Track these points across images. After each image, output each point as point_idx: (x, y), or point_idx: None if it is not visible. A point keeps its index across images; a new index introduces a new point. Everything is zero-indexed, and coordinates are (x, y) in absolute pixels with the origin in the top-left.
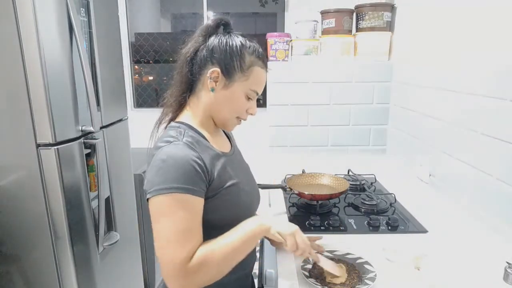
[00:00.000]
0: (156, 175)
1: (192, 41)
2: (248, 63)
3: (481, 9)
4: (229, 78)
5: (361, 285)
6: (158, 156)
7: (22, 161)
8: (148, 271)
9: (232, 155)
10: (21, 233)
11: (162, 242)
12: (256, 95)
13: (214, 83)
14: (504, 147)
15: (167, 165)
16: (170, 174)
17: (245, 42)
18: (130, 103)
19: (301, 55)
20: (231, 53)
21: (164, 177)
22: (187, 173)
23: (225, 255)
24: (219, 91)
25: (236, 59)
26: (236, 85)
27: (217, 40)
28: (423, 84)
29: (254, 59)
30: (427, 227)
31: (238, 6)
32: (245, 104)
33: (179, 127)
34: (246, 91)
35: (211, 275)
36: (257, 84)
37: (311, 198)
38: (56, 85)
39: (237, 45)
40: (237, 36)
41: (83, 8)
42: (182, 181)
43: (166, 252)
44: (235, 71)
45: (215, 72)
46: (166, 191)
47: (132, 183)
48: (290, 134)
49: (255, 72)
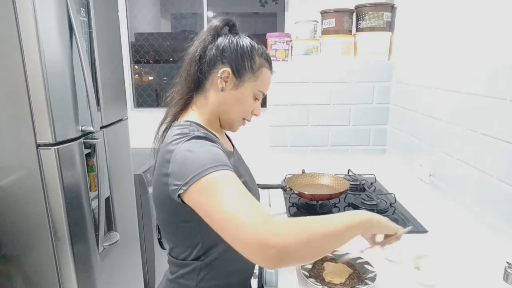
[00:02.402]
0: (186, 166)
1: (200, 40)
2: (257, 64)
3: (481, 9)
4: (239, 78)
5: (361, 285)
6: (181, 149)
7: (22, 161)
8: (148, 271)
9: (236, 154)
10: (21, 233)
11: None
12: (262, 95)
13: (224, 83)
14: (504, 147)
15: (195, 153)
16: (202, 160)
17: (254, 44)
18: (130, 103)
19: (301, 55)
20: (242, 54)
21: (196, 164)
22: (218, 154)
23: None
24: (229, 91)
25: (247, 59)
26: (246, 85)
27: (227, 41)
28: (423, 84)
29: (263, 61)
30: (427, 227)
31: (238, 6)
32: (252, 105)
33: (190, 125)
34: (254, 91)
35: (304, 243)
36: (264, 85)
37: (311, 198)
38: (56, 85)
39: (247, 46)
40: (245, 37)
41: (83, 8)
42: (216, 161)
43: (241, 223)
44: (246, 71)
45: (226, 72)
46: (204, 173)
47: (132, 183)
48: (290, 134)
49: (263, 73)
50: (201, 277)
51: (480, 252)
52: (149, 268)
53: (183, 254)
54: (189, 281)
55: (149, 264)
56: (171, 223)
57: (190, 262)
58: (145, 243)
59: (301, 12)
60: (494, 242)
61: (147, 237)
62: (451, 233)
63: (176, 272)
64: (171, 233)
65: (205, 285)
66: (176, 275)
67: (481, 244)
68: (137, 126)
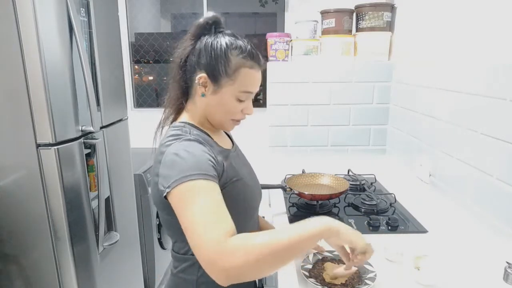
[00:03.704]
0: (171, 169)
1: (183, 46)
2: (234, 66)
3: (481, 9)
4: (216, 83)
5: (361, 285)
6: (170, 152)
7: (22, 161)
8: (148, 271)
9: (234, 151)
10: (21, 233)
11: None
12: (249, 95)
13: (203, 88)
14: (504, 147)
15: (181, 158)
16: (186, 165)
17: (231, 42)
18: (130, 103)
19: (301, 55)
20: (215, 57)
21: (180, 169)
22: (202, 162)
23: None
24: (209, 96)
25: (220, 63)
26: (224, 90)
27: (203, 44)
28: (423, 84)
29: (241, 61)
30: (427, 227)
31: (238, 6)
32: (237, 107)
33: (184, 127)
34: (235, 94)
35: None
36: (247, 85)
37: (311, 198)
38: (56, 85)
39: (221, 48)
40: (224, 36)
41: (83, 8)
42: (198, 169)
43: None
44: (221, 76)
45: (203, 77)
46: (184, 179)
47: (132, 183)
48: (290, 134)
49: (242, 74)
50: (201, 272)
51: (480, 252)
52: (149, 268)
53: (184, 248)
54: (190, 275)
55: (149, 264)
56: (170, 219)
57: (190, 256)
58: (145, 243)
59: (301, 12)
60: (494, 242)
61: (147, 237)
62: (451, 233)
63: (178, 266)
64: (171, 228)
65: (205, 280)
66: (178, 269)
67: (481, 244)
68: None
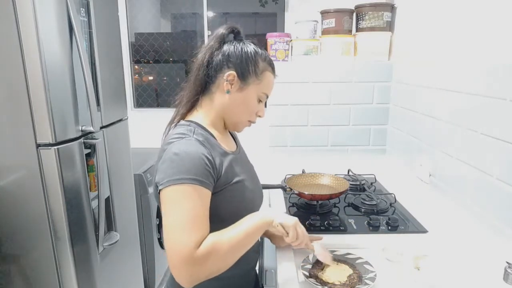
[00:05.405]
0: (169, 167)
1: (207, 47)
2: (261, 68)
3: (481, 9)
4: (244, 81)
5: (361, 285)
6: (171, 150)
7: (22, 161)
8: (148, 271)
9: (238, 154)
10: (21, 233)
11: (170, 231)
12: (266, 98)
13: (230, 85)
14: (504, 147)
15: (179, 158)
16: (182, 166)
17: (258, 50)
18: (130, 103)
19: (301, 55)
20: (246, 59)
21: (177, 169)
22: (198, 166)
23: (231, 247)
24: (234, 93)
25: (251, 64)
26: (250, 88)
27: (233, 47)
28: (423, 84)
29: (266, 65)
30: (427, 227)
31: (238, 6)
32: (256, 107)
33: (189, 125)
34: (258, 94)
35: (218, 265)
36: (268, 87)
37: (311, 198)
38: (56, 85)
39: (251, 52)
40: (251, 44)
41: (83, 8)
42: (193, 173)
43: (174, 240)
44: (250, 74)
45: (231, 75)
46: (177, 181)
47: (132, 183)
48: (290, 134)
49: (267, 76)
50: None
51: (480, 252)
52: (149, 268)
53: None
54: None
55: (149, 264)
56: None
57: None
58: (145, 243)
59: (301, 12)
60: (494, 242)
61: (147, 237)
62: (451, 233)
63: None
64: None
65: None
66: None
67: (481, 244)
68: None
